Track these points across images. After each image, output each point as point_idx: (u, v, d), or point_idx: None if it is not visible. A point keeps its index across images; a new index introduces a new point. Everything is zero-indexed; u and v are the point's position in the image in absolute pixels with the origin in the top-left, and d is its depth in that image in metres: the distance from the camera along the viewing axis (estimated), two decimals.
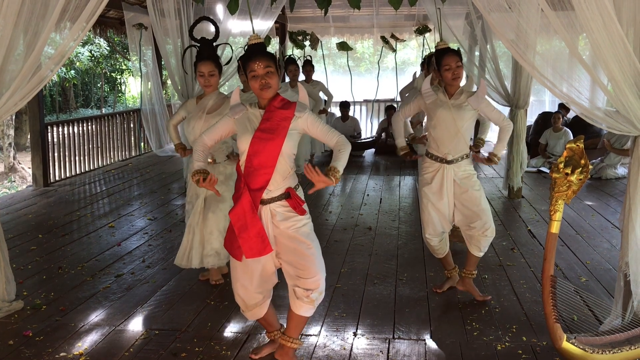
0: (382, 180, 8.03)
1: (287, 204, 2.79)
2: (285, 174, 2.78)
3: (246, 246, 2.73)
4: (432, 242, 3.83)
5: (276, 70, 2.74)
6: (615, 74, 2.92)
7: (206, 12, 6.89)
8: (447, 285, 4.00)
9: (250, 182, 2.75)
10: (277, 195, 2.78)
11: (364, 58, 19.87)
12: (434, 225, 3.78)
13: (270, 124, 2.74)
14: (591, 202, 6.63)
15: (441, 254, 3.91)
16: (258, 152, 2.72)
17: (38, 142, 7.26)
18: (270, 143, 2.72)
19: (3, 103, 3.34)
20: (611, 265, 4.46)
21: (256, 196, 2.74)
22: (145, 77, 10.12)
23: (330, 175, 2.68)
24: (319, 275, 2.81)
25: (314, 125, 2.81)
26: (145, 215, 5.99)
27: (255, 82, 2.72)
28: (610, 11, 2.80)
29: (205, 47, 3.85)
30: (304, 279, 2.80)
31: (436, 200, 3.76)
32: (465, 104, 3.65)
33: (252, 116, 2.82)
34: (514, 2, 3.45)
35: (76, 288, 4.02)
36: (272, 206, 2.79)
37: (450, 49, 3.69)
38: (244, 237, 2.72)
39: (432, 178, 3.76)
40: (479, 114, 3.78)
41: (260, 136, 2.73)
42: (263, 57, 2.71)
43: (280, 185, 2.78)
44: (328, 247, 4.94)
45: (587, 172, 2.73)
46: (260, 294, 2.91)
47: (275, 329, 3.06)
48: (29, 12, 3.28)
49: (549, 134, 8.81)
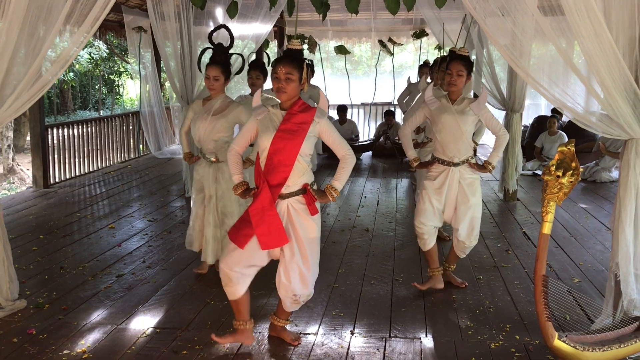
0: (380, 182, 8.11)
1: (304, 200, 3.00)
2: (302, 172, 2.98)
3: (263, 239, 2.92)
4: (420, 231, 3.98)
5: (299, 79, 2.91)
6: (605, 80, 3.00)
7: (206, 15, 6.98)
8: (428, 285, 4.08)
9: (270, 178, 2.93)
10: (294, 191, 2.99)
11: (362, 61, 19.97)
12: (426, 216, 3.95)
13: (291, 125, 2.93)
14: (585, 205, 6.72)
15: (427, 247, 4.03)
16: (278, 151, 2.91)
17: (38, 144, 7.32)
18: (290, 143, 2.90)
19: (8, 107, 3.41)
20: (604, 267, 4.54)
21: (275, 191, 2.94)
22: (144, 79, 10.20)
23: (328, 193, 2.99)
24: (305, 291, 3.08)
25: (328, 133, 3.02)
26: (145, 217, 6.06)
27: (274, 84, 2.91)
28: (600, 18, 2.88)
29: (217, 53, 3.98)
30: (292, 285, 3.03)
31: (434, 196, 3.93)
32: (467, 109, 3.80)
33: (274, 117, 2.99)
34: (507, 8, 3.53)
35: (78, 288, 4.09)
36: (290, 201, 2.99)
37: (459, 56, 3.81)
38: (261, 230, 2.91)
39: (436, 177, 3.94)
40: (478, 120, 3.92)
41: (282, 136, 2.91)
42: (289, 63, 2.88)
43: (298, 181, 2.98)
44: (326, 248, 5.01)
45: (577, 175, 2.82)
46: (241, 272, 3.03)
47: (244, 319, 3.17)
48: (34, 17, 3.35)
49: (544, 138, 8.91)
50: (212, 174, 4.11)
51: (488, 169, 3.89)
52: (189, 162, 4.35)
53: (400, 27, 11.63)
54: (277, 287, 3.12)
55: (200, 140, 4.09)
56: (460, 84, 3.83)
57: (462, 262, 4.37)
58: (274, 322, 3.31)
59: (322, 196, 3.01)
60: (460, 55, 3.89)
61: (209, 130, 4.02)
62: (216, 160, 4.09)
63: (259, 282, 3.65)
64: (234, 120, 4.05)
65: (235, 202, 4.12)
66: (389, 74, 12.93)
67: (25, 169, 12.29)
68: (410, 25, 11.37)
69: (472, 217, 3.92)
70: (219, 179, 4.12)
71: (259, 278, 3.27)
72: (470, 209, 3.90)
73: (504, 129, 3.94)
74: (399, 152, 9.73)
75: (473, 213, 3.91)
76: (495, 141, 3.93)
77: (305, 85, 2.97)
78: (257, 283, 3.97)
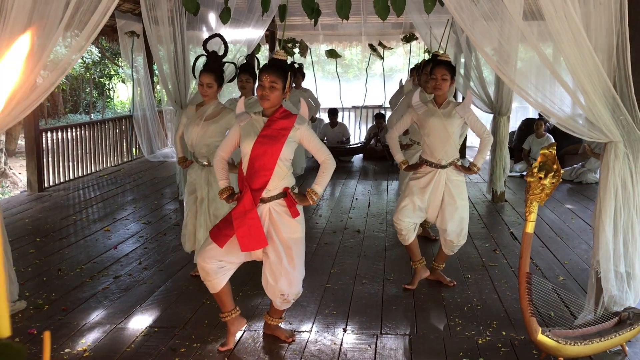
0: (371, 184, 8.24)
1: (285, 203, 3.08)
2: (282, 176, 3.08)
3: (242, 241, 3.00)
4: (399, 227, 4.12)
5: (282, 88, 3.03)
6: (585, 85, 3.14)
7: (199, 20, 7.08)
8: (417, 280, 4.24)
9: (251, 182, 3.03)
10: (275, 195, 3.08)
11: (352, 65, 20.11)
12: (405, 213, 4.08)
13: (271, 131, 3.03)
14: (571, 206, 6.88)
15: (407, 242, 4.17)
16: (259, 156, 3.01)
17: (33, 148, 7.38)
18: (271, 148, 3.00)
19: (7, 114, 3.49)
20: (588, 265, 4.68)
21: (256, 195, 3.03)
22: (137, 83, 10.27)
23: (308, 197, 3.09)
24: (293, 289, 3.19)
25: (308, 139, 3.13)
26: (140, 220, 6.14)
27: (258, 91, 3.03)
28: (579, 26, 3.02)
29: (211, 60, 4.09)
30: (279, 285, 3.14)
31: (418, 194, 4.06)
32: (453, 112, 3.93)
33: (255, 123, 3.10)
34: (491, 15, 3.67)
35: (76, 289, 4.18)
36: (271, 204, 3.09)
37: (443, 62, 3.95)
38: (241, 232, 2.99)
39: (422, 177, 4.07)
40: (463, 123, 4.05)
41: (262, 141, 3.01)
42: (274, 72, 2.99)
43: (278, 185, 3.08)
44: (318, 249, 5.12)
45: (559, 176, 2.95)
46: (219, 264, 3.13)
47: (229, 309, 3.28)
48: (35, 26, 3.44)
49: (532, 140, 9.08)
50: (204, 177, 4.22)
51: (473, 170, 4.02)
52: (183, 167, 4.45)
53: (390, 31, 11.77)
54: (265, 289, 3.23)
55: (193, 145, 4.20)
56: (445, 87, 3.96)
57: (450, 261, 4.50)
58: (267, 321, 3.42)
59: (302, 199, 3.11)
60: (443, 60, 4.02)
61: (201, 135, 4.13)
62: (208, 164, 4.19)
63: (252, 282, 3.78)
64: (226, 125, 4.16)
65: (227, 204, 4.23)
66: (379, 77, 13.07)
67: (17, 173, 12.31)
68: (400, 29, 11.50)
69: (460, 218, 4.05)
70: (210, 182, 4.22)
71: (253, 278, 3.40)
72: (457, 210, 4.03)
73: (488, 131, 4.08)
74: (389, 154, 9.85)
75: (461, 213, 4.05)
76: (480, 143, 4.06)
77: (287, 94, 3.10)
78: (251, 283, 4.11)
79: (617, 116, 3.20)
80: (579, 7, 3.05)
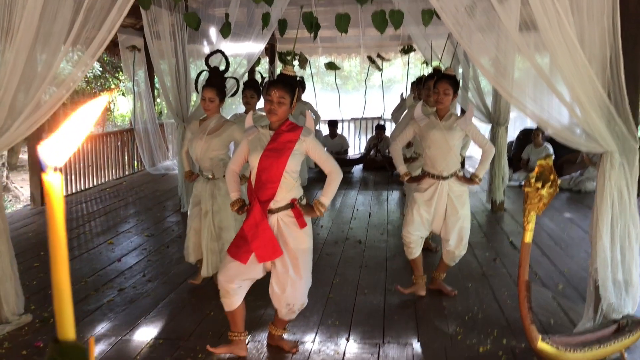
0: (371, 195, 8.30)
1: (293, 214, 3.15)
2: (289, 187, 3.14)
3: (259, 252, 3.08)
4: (407, 240, 4.18)
5: (290, 103, 3.11)
6: (580, 97, 3.21)
7: (200, 35, 7.17)
8: (411, 290, 4.30)
9: (259, 194, 3.10)
10: (283, 205, 3.14)
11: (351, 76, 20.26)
12: (414, 226, 4.14)
13: (277, 144, 3.10)
14: (570, 214, 6.94)
15: (413, 255, 4.23)
16: (266, 169, 3.08)
17: (36, 162, 7.44)
18: (276, 161, 3.07)
19: (14, 130, 3.56)
20: (587, 273, 4.69)
21: (264, 207, 3.10)
22: (138, 96, 10.36)
23: (316, 208, 3.15)
24: (299, 300, 3.24)
25: (314, 150, 3.19)
26: (143, 232, 6.19)
27: (266, 105, 3.10)
28: (573, 39, 3.09)
29: (213, 75, 4.18)
30: (285, 294, 3.20)
31: (423, 207, 4.13)
32: (455, 125, 4.00)
33: (262, 137, 3.18)
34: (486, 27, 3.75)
35: (82, 302, 4.22)
36: (279, 215, 3.15)
37: (446, 76, 4.02)
38: (256, 244, 3.07)
39: (426, 189, 4.14)
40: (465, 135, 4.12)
41: (268, 154, 3.08)
42: (282, 88, 3.07)
43: (286, 196, 3.14)
44: (320, 260, 5.18)
45: (556, 186, 3.01)
46: (239, 285, 3.21)
47: (239, 330, 3.35)
48: (42, 43, 3.52)
49: (530, 150, 9.15)
50: (209, 190, 4.29)
51: (475, 181, 4.09)
52: (189, 180, 4.52)
53: (389, 43, 11.89)
54: (271, 298, 3.29)
55: (198, 159, 4.28)
56: (446, 102, 4.04)
57: (451, 271, 4.55)
58: (272, 331, 3.47)
59: (309, 211, 3.17)
60: (446, 74, 4.10)
61: (205, 149, 4.21)
62: (213, 177, 4.27)
63: (257, 293, 3.81)
64: (228, 138, 4.24)
65: (231, 216, 4.30)
66: (377, 88, 13.17)
67: (19, 187, 12.36)
68: (398, 41, 11.61)
69: (461, 228, 4.11)
70: (215, 195, 4.29)
71: (257, 289, 3.44)
72: (459, 220, 4.09)
73: (490, 142, 4.15)
74: (390, 165, 9.93)
75: (462, 224, 4.11)
76: (481, 155, 4.13)
77: (293, 109, 3.19)
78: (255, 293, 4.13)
79: (612, 127, 3.27)
80: (572, 21, 3.13)
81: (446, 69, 4.29)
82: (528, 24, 3.48)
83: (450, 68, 4.32)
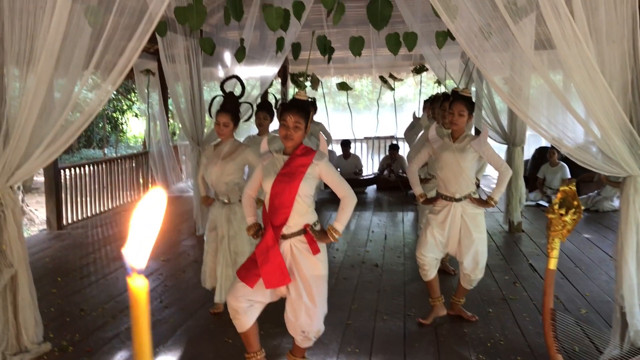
0: (386, 216, 8.25)
1: (306, 240, 3.12)
2: (302, 212, 3.11)
3: (267, 277, 3.04)
4: (421, 262, 4.13)
5: (305, 127, 3.11)
6: (602, 121, 3.18)
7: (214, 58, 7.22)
8: (432, 317, 4.24)
9: (273, 219, 3.09)
10: (296, 231, 3.11)
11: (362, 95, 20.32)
12: (427, 248, 4.11)
13: (290, 168, 3.09)
14: (589, 235, 6.85)
15: (428, 277, 4.18)
16: (278, 194, 3.07)
17: (52, 186, 7.49)
18: (288, 186, 3.05)
19: (35, 158, 3.58)
20: (610, 297, 4.65)
21: (277, 232, 3.08)
22: (152, 119, 10.44)
23: (329, 234, 3.11)
24: (314, 327, 3.17)
25: (327, 174, 3.16)
26: (158, 257, 6.18)
27: (282, 131, 3.09)
28: (592, 61, 3.07)
29: (228, 100, 4.20)
30: (300, 322, 3.15)
31: (437, 229, 4.09)
32: (468, 146, 3.97)
33: (276, 162, 3.18)
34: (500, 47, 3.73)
35: (99, 329, 4.21)
36: (292, 241, 3.12)
37: (462, 97, 4.01)
38: (265, 269, 3.04)
39: (439, 211, 4.11)
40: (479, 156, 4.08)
41: (281, 179, 3.08)
42: (298, 113, 3.08)
43: (299, 222, 3.11)
44: (337, 284, 5.13)
45: (580, 213, 2.97)
46: (248, 303, 3.17)
47: (254, 350, 3.32)
48: (62, 72, 3.56)
49: (546, 169, 9.08)
50: (225, 215, 4.29)
51: (490, 204, 4.04)
52: (206, 205, 4.52)
53: (401, 63, 11.92)
54: (286, 325, 3.24)
55: (213, 184, 4.29)
56: (461, 123, 4.02)
57: (471, 295, 4.49)
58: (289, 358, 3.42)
59: (323, 237, 3.13)
60: (462, 95, 4.08)
61: (220, 173, 4.21)
62: (228, 201, 4.27)
63: (274, 320, 3.78)
64: (242, 162, 4.24)
65: (247, 241, 4.28)
66: (389, 107, 13.19)
67: (34, 209, 12.44)
68: (410, 60, 11.65)
69: (476, 251, 4.05)
70: (231, 220, 4.29)
71: (274, 316, 3.40)
72: (473, 243, 4.04)
73: (506, 164, 4.09)
74: (404, 185, 9.90)
75: (477, 247, 4.05)
76: (498, 177, 4.09)
77: (307, 131, 3.19)
78: (272, 321, 4.10)
79: (635, 150, 3.23)
80: (592, 44, 3.11)
81: (462, 89, 4.27)
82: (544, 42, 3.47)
83: (467, 89, 4.31)
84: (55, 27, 3.36)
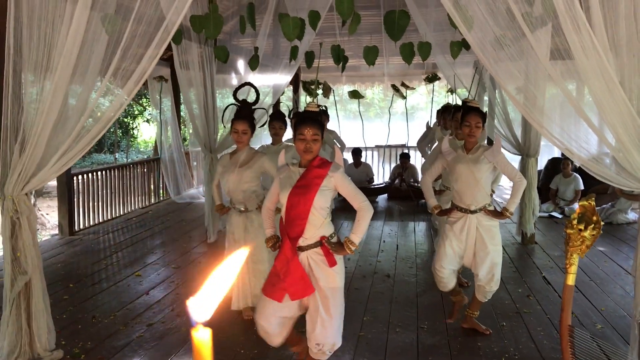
0: (397, 226, 8.21)
1: (322, 252, 3.11)
2: (318, 224, 3.10)
3: (291, 290, 3.05)
4: (440, 274, 4.12)
5: (321, 138, 3.12)
6: (620, 134, 3.14)
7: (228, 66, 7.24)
8: (457, 311, 4.30)
9: (289, 231, 3.09)
10: (312, 243, 3.11)
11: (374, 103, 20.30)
12: (446, 260, 4.10)
13: (306, 181, 3.09)
14: (603, 248, 6.77)
15: (447, 288, 4.19)
16: (294, 206, 3.06)
17: (64, 192, 7.52)
18: (303, 197, 3.05)
19: (51, 165, 3.59)
20: (626, 312, 4.59)
21: (294, 243, 3.09)
22: (164, 125, 10.48)
23: (346, 246, 3.11)
24: (329, 340, 3.15)
25: (343, 186, 3.15)
26: (170, 264, 6.18)
27: (301, 144, 3.09)
28: (612, 75, 3.04)
29: (244, 108, 4.19)
30: (315, 333, 3.14)
31: (455, 241, 4.07)
32: (482, 157, 3.94)
33: (293, 174, 3.17)
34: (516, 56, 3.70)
35: (111, 337, 4.20)
36: (308, 253, 3.12)
37: (475, 108, 3.99)
38: (288, 281, 3.04)
39: (455, 222, 4.09)
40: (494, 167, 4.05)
41: (296, 192, 3.07)
42: (314, 125, 3.09)
43: (315, 234, 3.10)
44: (349, 294, 5.10)
45: (599, 228, 2.92)
46: (278, 320, 3.18)
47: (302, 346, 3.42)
48: (79, 78, 3.57)
49: (559, 180, 9.01)
50: (242, 223, 4.30)
51: (506, 215, 4.00)
52: (221, 214, 4.51)
53: (413, 72, 11.89)
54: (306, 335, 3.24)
55: (230, 192, 4.29)
56: (478, 134, 4.00)
57: (484, 308, 4.45)
58: None
59: (339, 249, 3.12)
60: (475, 108, 4.05)
61: (237, 181, 4.21)
62: (245, 209, 4.27)
63: None
64: (259, 170, 4.24)
65: (264, 248, 4.27)
66: (401, 116, 13.15)
67: (45, 214, 12.50)
68: (422, 69, 11.62)
69: (491, 263, 4.02)
70: (248, 228, 4.29)
71: None
72: (488, 255, 4.00)
73: (520, 174, 4.04)
74: (415, 194, 9.86)
75: (492, 259, 4.02)
76: (512, 187, 4.05)
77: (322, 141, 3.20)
78: None
79: None
80: (612, 58, 3.08)
81: (470, 100, 4.25)
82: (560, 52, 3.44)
83: (475, 100, 4.29)
84: (72, 35, 3.38)
